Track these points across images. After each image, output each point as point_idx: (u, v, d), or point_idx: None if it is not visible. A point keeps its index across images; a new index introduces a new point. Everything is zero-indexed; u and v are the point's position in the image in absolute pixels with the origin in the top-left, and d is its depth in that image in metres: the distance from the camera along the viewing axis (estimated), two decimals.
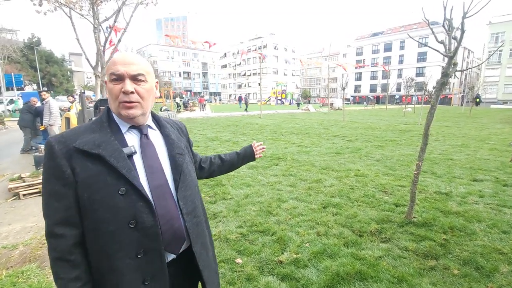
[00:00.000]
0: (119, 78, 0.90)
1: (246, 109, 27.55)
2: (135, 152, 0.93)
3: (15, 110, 20.29)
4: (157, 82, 1.04)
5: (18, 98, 22.22)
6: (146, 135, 0.98)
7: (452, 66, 2.67)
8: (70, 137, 0.88)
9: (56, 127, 7.15)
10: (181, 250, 1.00)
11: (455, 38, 2.60)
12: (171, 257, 0.97)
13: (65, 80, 39.78)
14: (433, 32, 2.70)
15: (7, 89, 25.34)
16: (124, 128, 0.96)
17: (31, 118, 8.24)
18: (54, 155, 0.85)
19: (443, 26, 2.57)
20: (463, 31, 2.54)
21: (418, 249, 2.63)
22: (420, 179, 4.67)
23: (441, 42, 2.65)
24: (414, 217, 3.22)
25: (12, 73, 24.69)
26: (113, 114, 0.97)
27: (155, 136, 1.03)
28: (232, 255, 2.60)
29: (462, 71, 2.84)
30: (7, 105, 22.34)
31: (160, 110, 19.75)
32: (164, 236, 0.92)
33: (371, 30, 71.30)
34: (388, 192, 4.21)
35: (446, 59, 2.71)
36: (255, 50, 61.52)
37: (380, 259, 2.49)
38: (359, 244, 2.74)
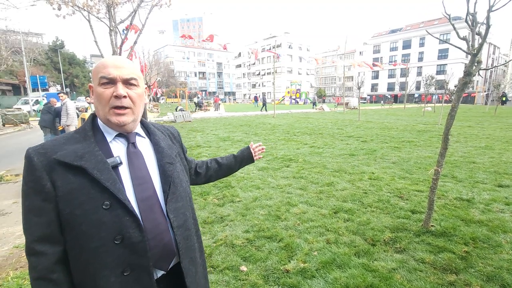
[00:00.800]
0: (110, 82, 0.85)
1: (263, 109, 27.37)
2: (121, 163, 0.87)
3: (40, 110, 21.20)
4: (146, 88, 0.98)
5: (43, 99, 23.20)
6: (134, 143, 0.92)
7: (476, 64, 2.46)
8: (51, 148, 0.83)
9: (73, 128, 7.36)
10: (170, 266, 0.93)
11: (479, 34, 2.39)
12: (160, 273, 0.91)
13: (87, 81, 41.42)
14: (454, 28, 2.50)
15: (33, 90, 26.54)
16: (110, 136, 0.90)
17: (51, 118, 8.55)
18: (33, 168, 0.80)
19: (466, 21, 2.37)
20: (488, 26, 2.33)
21: (436, 261, 2.45)
22: (439, 184, 4.42)
23: (464, 39, 2.44)
24: (432, 225, 3.02)
25: (37, 75, 25.82)
26: (99, 121, 0.92)
27: (144, 145, 0.97)
28: (237, 261, 2.52)
29: (487, 69, 2.62)
30: (33, 105, 23.37)
31: (176, 110, 20.08)
32: (152, 252, 0.86)
33: (388, 27, 69.47)
34: (404, 197, 4.00)
35: (469, 56, 2.51)
36: (269, 49, 61.27)
37: (393, 271, 2.33)
38: (371, 254, 2.59)
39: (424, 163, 5.91)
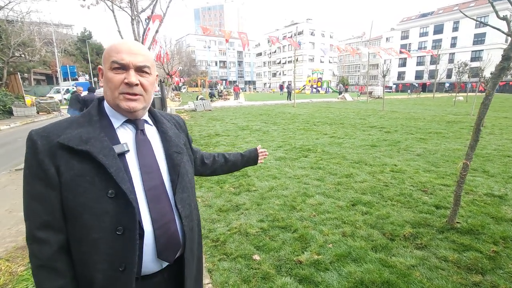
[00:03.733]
0: (122, 68, 0.82)
1: (288, 98, 27.30)
2: (128, 150, 0.83)
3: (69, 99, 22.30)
4: (157, 75, 0.96)
5: (73, 88, 24.38)
6: (143, 130, 0.90)
7: None
8: (54, 131, 0.79)
9: None
10: (176, 257, 0.90)
11: None
12: (165, 264, 0.89)
13: None
14: (493, 7, 2.25)
15: (64, 80, 27.90)
16: (117, 122, 0.87)
17: (80, 107, 9.03)
18: (36, 152, 0.76)
19: None
20: None
21: (460, 260, 2.31)
22: (468, 179, 4.15)
23: (503, 18, 2.20)
24: (457, 222, 2.84)
25: (68, 65, 27.05)
26: (106, 106, 0.88)
27: (152, 133, 0.94)
28: (250, 250, 2.53)
29: None
30: (64, 94, 24.65)
31: (196, 98, 20.33)
32: (159, 242, 0.83)
33: (419, 11, 65.16)
34: (428, 191, 3.80)
35: (509, 39, 2.26)
36: (291, 37, 59.75)
37: (412, 268, 2.23)
38: (390, 249, 2.49)
39: (453, 156, 5.56)
